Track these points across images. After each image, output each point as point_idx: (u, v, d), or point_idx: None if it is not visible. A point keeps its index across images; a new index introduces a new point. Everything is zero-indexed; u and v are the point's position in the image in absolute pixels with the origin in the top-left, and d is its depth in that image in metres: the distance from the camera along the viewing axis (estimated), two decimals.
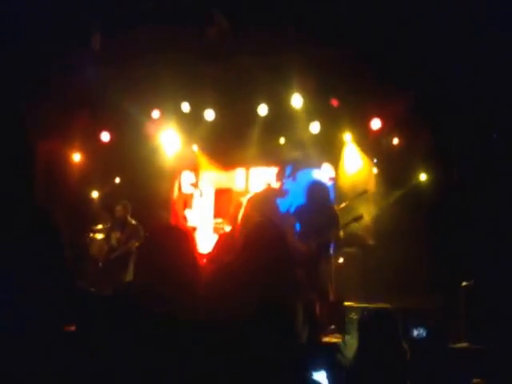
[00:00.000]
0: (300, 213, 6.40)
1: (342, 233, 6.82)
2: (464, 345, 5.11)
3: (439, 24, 7.42)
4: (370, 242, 7.91)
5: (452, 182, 7.82)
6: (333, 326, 6.37)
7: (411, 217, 7.67)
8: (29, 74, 7.63)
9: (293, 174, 8.57)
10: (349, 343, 5.70)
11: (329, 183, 8.03)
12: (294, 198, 7.15)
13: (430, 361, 4.73)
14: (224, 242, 5.90)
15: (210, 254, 5.84)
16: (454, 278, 6.28)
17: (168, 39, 8.20)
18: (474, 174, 7.62)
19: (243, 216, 5.80)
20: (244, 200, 6.15)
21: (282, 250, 3.04)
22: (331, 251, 6.81)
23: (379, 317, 5.64)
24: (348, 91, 8.22)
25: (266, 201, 6.37)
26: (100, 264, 8.32)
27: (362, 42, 7.99)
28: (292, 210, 6.60)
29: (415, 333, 5.27)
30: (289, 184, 8.24)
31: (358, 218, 6.81)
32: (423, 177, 8.34)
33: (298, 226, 6.37)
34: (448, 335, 5.31)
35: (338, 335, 6.16)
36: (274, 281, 2.84)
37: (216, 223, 9.06)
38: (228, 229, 8.26)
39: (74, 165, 9.40)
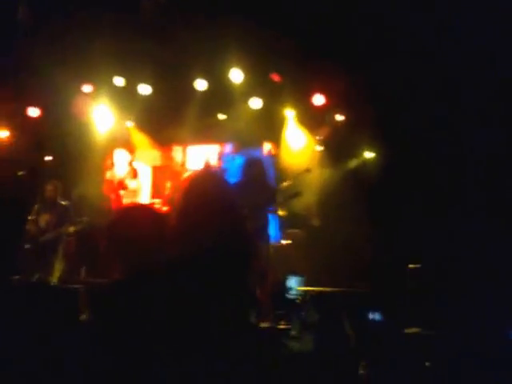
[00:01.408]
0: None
1: (281, 211, 6.61)
2: (415, 330, 4.96)
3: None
4: (315, 222, 7.70)
5: (397, 160, 7.65)
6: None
7: (356, 196, 7.47)
8: None
9: (233, 153, 8.28)
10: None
11: (268, 161, 7.78)
12: (233, 178, 6.87)
13: (386, 345, 4.61)
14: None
15: None
16: (401, 260, 6.13)
17: (102, 11, 7.70)
18: (421, 151, 7.48)
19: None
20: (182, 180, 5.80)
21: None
22: (269, 233, 6.61)
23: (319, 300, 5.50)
24: (290, 66, 7.95)
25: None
26: (27, 247, 7.73)
27: (303, 17, 7.71)
28: None
29: (371, 317, 5.12)
30: (228, 163, 7.95)
31: (297, 194, 6.56)
32: (368, 154, 8.19)
33: None
34: (400, 320, 5.17)
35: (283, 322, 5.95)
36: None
37: (153, 204, 8.66)
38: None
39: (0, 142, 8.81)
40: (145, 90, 8.55)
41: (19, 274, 6.99)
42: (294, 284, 6.76)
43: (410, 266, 5.89)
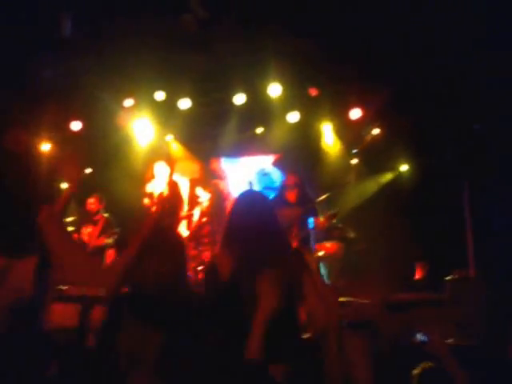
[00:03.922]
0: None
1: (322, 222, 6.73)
2: (453, 342, 4.93)
3: (421, 13, 7.28)
4: (351, 234, 7.73)
5: (435, 172, 7.66)
6: None
7: (393, 208, 7.50)
8: None
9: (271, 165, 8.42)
10: None
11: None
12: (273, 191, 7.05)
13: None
14: None
15: None
16: (441, 271, 6.12)
17: (143, 26, 7.89)
18: (458, 164, 7.48)
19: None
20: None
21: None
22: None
23: None
24: (327, 80, 8.06)
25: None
26: None
27: (341, 30, 7.79)
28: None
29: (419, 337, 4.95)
30: (267, 176, 8.07)
31: (335, 215, 6.66)
32: (404, 167, 8.21)
33: None
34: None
35: None
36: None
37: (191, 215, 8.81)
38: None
39: (43, 155, 9.03)
40: (185, 104, 8.70)
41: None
42: None
43: (447, 278, 5.90)
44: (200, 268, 7.72)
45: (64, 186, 8.94)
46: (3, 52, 7.32)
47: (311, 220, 7.16)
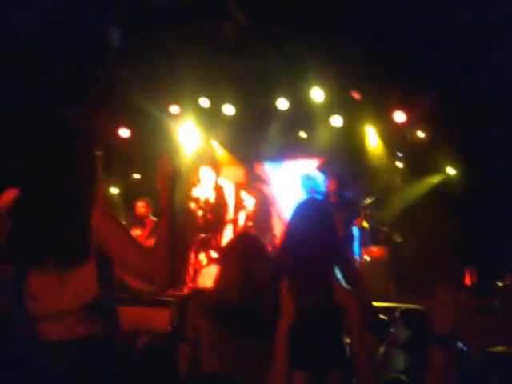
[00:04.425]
0: None
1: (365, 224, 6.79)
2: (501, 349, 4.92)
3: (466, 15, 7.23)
4: (398, 238, 7.73)
5: (482, 177, 7.60)
6: None
7: (439, 212, 7.48)
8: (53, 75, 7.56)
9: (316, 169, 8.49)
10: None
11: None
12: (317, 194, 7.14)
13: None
14: None
15: None
16: (488, 277, 6.11)
17: (186, 35, 8.04)
18: (505, 169, 7.41)
19: None
20: None
21: None
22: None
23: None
24: (370, 83, 8.04)
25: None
26: None
27: (382, 33, 7.79)
28: None
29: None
30: (312, 179, 8.14)
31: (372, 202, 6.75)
32: (451, 171, 8.15)
33: None
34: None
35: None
36: None
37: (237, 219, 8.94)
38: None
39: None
40: (229, 110, 8.84)
41: None
42: None
43: (498, 283, 5.86)
44: None
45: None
46: (58, 63, 7.58)
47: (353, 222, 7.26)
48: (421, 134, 8.37)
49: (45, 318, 2.12)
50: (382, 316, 6.25)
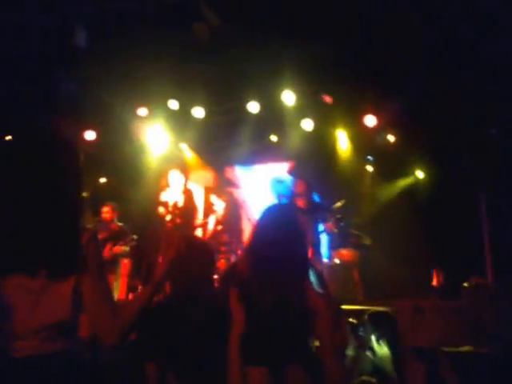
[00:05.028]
0: None
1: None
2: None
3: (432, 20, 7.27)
4: (367, 241, 7.70)
5: (451, 179, 7.63)
6: None
7: (408, 215, 7.48)
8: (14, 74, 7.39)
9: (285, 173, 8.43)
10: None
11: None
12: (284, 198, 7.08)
13: None
14: None
15: None
16: (457, 278, 6.06)
17: (155, 36, 7.94)
18: (472, 171, 7.44)
19: None
20: None
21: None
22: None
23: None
24: (341, 87, 8.04)
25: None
26: None
27: (354, 37, 7.79)
28: None
29: None
30: (280, 184, 8.06)
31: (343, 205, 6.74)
32: (420, 174, 8.18)
33: None
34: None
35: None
36: None
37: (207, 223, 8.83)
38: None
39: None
40: (198, 112, 8.74)
41: None
42: None
43: (465, 284, 5.83)
44: (215, 277, 7.69)
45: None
46: (21, 64, 7.42)
47: (321, 226, 7.19)
48: (391, 138, 8.39)
49: (14, 333, 2.03)
50: (351, 319, 6.21)
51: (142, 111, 8.83)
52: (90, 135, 9.02)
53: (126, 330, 2.20)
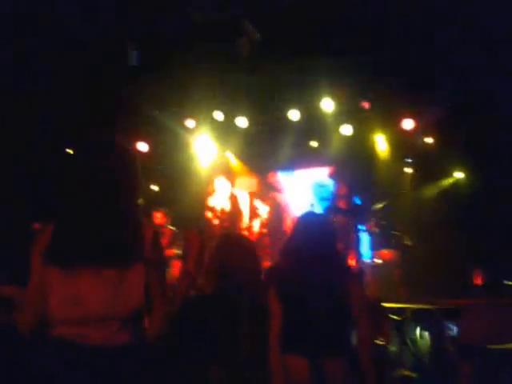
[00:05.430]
0: None
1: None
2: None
3: (472, 23, 7.40)
4: (408, 242, 7.90)
5: (489, 178, 7.75)
6: None
7: (449, 216, 7.65)
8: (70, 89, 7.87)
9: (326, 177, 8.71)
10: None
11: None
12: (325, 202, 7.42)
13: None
14: None
15: None
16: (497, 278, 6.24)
17: (201, 51, 8.32)
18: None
19: None
20: None
21: None
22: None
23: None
24: (378, 93, 8.27)
25: None
26: None
27: (391, 45, 7.99)
28: None
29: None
30: (322, 188, 8.38)
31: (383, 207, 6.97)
32: (460, 175, 8.32)
33: None
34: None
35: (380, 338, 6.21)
36: None
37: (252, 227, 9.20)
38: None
39: None
40: (242, 122, 9.15)
41: None
42: None
43: (507, 282, 6.00)
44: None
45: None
46: (77, 78, 7.91)
47: (363, 226, 7.49)
48: (429, 140, 8.56)
49: (85, 322, 2.08)
50: (394, 316, 6.48)
51: (190, 123, 9.29)
52: (142, 146, 9.55)
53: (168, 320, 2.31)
